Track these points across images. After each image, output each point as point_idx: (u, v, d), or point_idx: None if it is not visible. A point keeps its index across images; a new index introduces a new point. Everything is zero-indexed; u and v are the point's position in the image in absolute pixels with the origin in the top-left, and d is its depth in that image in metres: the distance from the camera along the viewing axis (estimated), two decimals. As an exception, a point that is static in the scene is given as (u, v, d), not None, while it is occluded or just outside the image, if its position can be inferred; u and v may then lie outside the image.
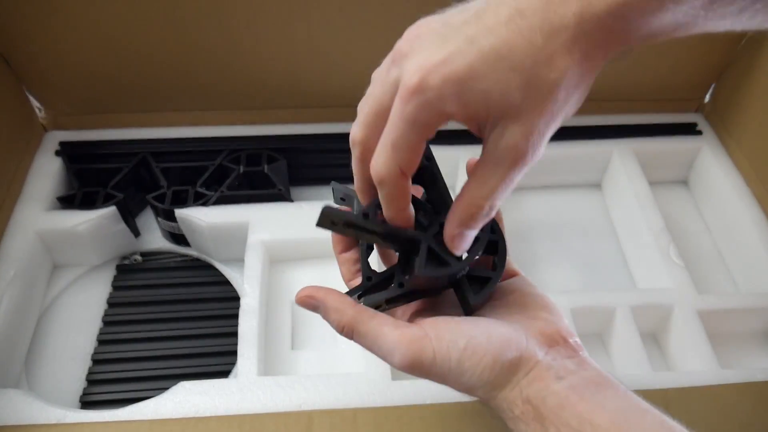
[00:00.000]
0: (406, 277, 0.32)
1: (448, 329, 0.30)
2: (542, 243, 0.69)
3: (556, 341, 0.31)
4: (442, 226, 0.31)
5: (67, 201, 0.63)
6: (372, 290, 0.33)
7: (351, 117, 0.32)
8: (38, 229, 0.60)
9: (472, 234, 0.30)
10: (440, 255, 0.31)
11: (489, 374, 0.29)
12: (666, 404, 0.47)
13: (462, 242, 0.30)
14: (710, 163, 0.70)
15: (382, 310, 0.33)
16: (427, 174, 0.33)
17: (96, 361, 0.57)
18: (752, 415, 0.47)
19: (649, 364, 0.53)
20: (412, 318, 0.34)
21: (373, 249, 0.35)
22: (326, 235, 0.65)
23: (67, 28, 0.60)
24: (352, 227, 0.30)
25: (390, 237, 0.31)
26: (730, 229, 0.67)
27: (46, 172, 0.65)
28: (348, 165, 0.73)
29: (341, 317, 0.31)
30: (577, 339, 0.32)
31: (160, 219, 0.64)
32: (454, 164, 0.68)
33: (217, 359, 0.57)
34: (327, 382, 0.49)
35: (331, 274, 0.62)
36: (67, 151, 0.67)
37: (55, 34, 0.60)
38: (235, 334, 0.53)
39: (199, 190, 0.63)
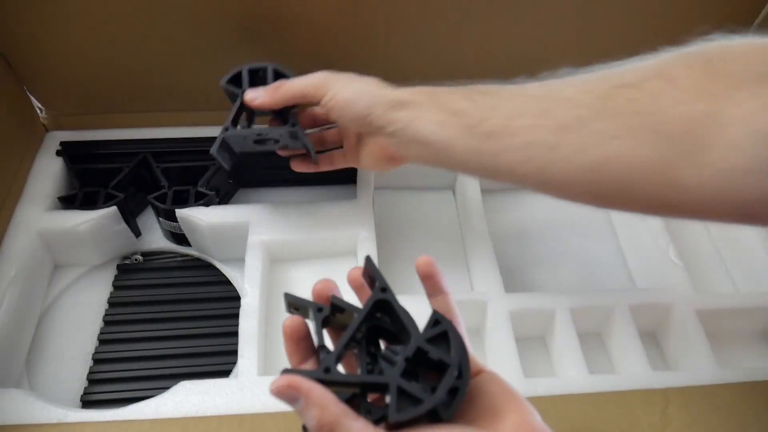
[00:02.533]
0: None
1: None
2: (542, 243, 0.69)
3: None
4: (407, 361, 0.30)
5: (68, 201, 0.64)
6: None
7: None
8: (39, 229, 0.60)
9: None
10: (412, 392, 0.29)
11: None
12: (666, 404, 0.47)
13: None
14: (710, 163, 0.70)
15: None
16: (386, 305, 0.33)
17: (97, 361, 0.57)
18: (751, 414, 0.47)
19: (649, 363, 0.53)
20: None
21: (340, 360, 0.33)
22: (326, 235, 0.65)
23: (68, 28, 0.60)
24: (320, 383, 0.30)
25: (359, 386, 0.31)
26: (729, 229, 0.67)
27: (47, 172, 0.65)
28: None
29: (324, 415, 0.29)
30: None
31: (160, 219, 0.64)
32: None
33: (217, 359, 0.57)
34: (327, 382, 0.49)
35: (331, 275, 0.61)
36: (68, 151, 0.67)
37: (55, 35, 0.61)
38: (235, 334, 0.53)
39: (200, 189, 0.63)
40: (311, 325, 0.34)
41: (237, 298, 0.59)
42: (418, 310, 0.35)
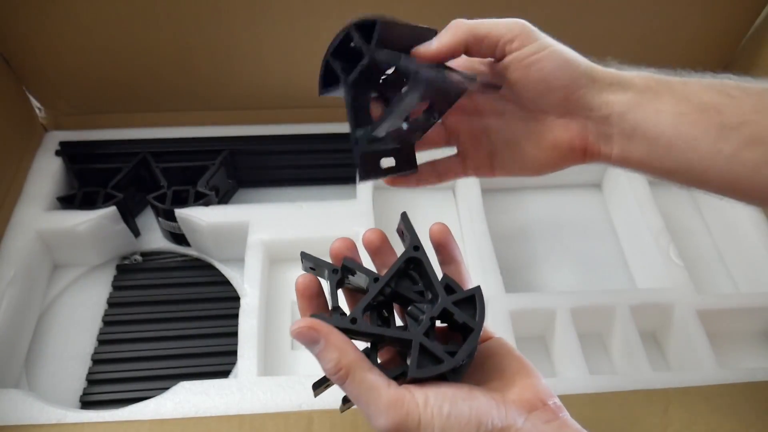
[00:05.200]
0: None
1: (434, 395, 0.29)
2: (542, 243, 0.69)
3: (535, 405, 0.31)
4: (432, 320, 0.31)
5: (68, 201, 0.63)
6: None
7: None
8: (38, 229, 0.60)
9: None
10: (433, 352, 0.30)
11: None
12: (666, 404, 0.47)
13: None
14: (710, 163, 0.70)
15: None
16: (416, 264, 0.33)
17: (96, 361, 0.57)
18: (752, 415, 0.47)
19: (649, 364, 0.53)
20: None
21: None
22: (326, 235, 0.65)
23: (68, 28, 0.60)
24: (343, 332, 0.30)
25: (380, 339, 0.31)
26: (729, 229, 0.67)
27: (47, 172, 0.65)
28: (345, 165, 0.73)
29: (342, 358, 0.29)
30: (557, 400, 0.32)
31: (160, 219, 0.64)
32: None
33: (217, 359, 0.57)
34: (327, 382, 0.49)
35: (331, 274, 0.62)
36: (67, 151, 0.67)
37: (55, 35, 0.60)
38: (235, 334, 0.53)
39: (200, 189, 0.63)
40: (326, 286, 0.35)
41: (237, 299, 0.59)
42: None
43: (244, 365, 0.51)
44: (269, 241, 0.60)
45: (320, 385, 0.33)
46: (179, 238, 0.64)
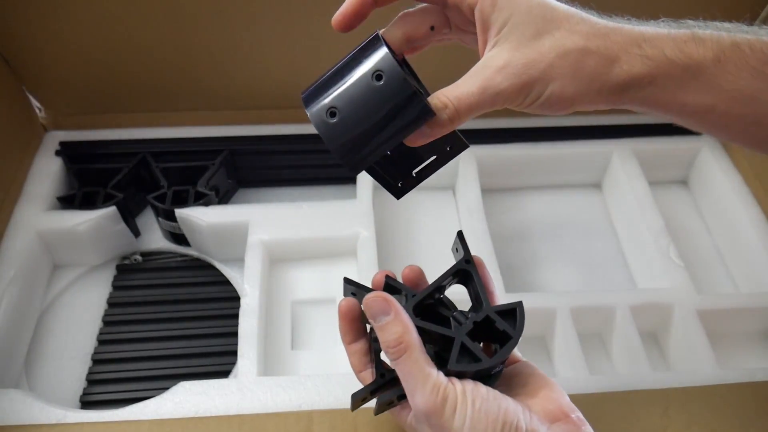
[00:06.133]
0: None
1: (470, 390, 0.31)
2: (542, 243, 0.69)
3: (557, 417, 0.32)
4: (475, 324, 0.34)
5: (67, 201, 0.63)
6: (385, 387, 0.35)
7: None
8: (38, 229, 0.60)
9: None
10: (473, 351, 0.33)
11: None
12: (666, 404, 0.47)
13: None
14: (710, 163, 0.70)
15: (393, 407, 0.36)
16: (466, 275, 0.37)
17: (96, 361, 0.57)
18: (752, 415, 0.47)
19: (649, 363, 0.53)
20: None
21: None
22: (326, 235, 0.65)
23: (68, 28, 0.60)
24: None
25: (424, 333, 0.33)
26: (729, 229, 0.67)
27: (46, 172, 0.65)
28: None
29: (405, 335, 0.32)
30: (579, 414, 0.33)
31: (160, 219, 0.64)
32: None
33: (217, 359, 0.57)
34: (327, 382, 0.49)
35: (331, 275, 0.62)
36: (67, 151, 0.67)
37: (55, 35, 0.60)
38: (235, 334, 0.53)
39: (200, 189, 0.63)
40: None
41: (237, 299, 0.59)
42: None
43: (244, 365, 0.51)
44: (269, 241, 0.60)
45: (361, 397, 0.35)
46: (179, 238, 0.64)
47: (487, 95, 0.31)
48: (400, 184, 0.38)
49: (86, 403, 0.54)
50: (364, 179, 0.65)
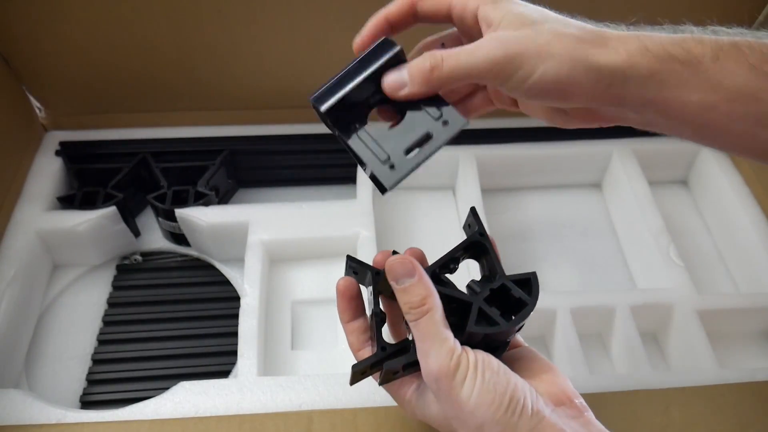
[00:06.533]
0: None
1: (482, 361, 0.32)
2: (542, 243, 0.69)
3: (561, 401, 0.32)
4: (492, 291, 0.35)
5: (67, 201, 0.63)
6: (387, 359, 0.35)
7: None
8: (38, 229, 0.60)
9: None
10: (490, 316, 0.34)
11: (501, 414, 0.30)
12: (666, 404, 0.47)
13: None
14: (710, 163, 0.70)
15: (398, 377, 0.36)
16: (481, 247, 0.38)
17: (96, 361, 0.57)
18: (751, 415, 0.47)
19: (649, 364, 0.53)
20: None
21: (384, 322, 0.37)
22: (326, 235, 0.64)
23: (68, 28, 0.60)
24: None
25: (444, 298, 0.34)
26: (729, 229, 0.67)
27: (46, 172, 0.65)
28: (345, 165, 0.73)
29: (428, 298, 0.32)
30: (582, 401, 0.33)
31: (160, 219, 0.64)
32: (454, 163, 0.68)
33: (217, 359, 0.57)
34: (327, 382, 0.49)
35: (332, 275, 0.62)
36: (67, 151, 0.67)
37: (55, 35, 0.60)
38: (235, 334, 0.53)
39: (200, 189, 0.63)
40: (365, 292, 0.38)
41: (237, 299, 0.59)
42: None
43: (244, 365, 0.51)
44: (269, 241, 0.60)
45: (361, 369, 0.35)
46: (179, 238, 0.64)
47: (477, 58, 0.32)
48: (390, 167, 0.33)
49: (86, 403, 0.54)
50: (364, 179, 0.65)
